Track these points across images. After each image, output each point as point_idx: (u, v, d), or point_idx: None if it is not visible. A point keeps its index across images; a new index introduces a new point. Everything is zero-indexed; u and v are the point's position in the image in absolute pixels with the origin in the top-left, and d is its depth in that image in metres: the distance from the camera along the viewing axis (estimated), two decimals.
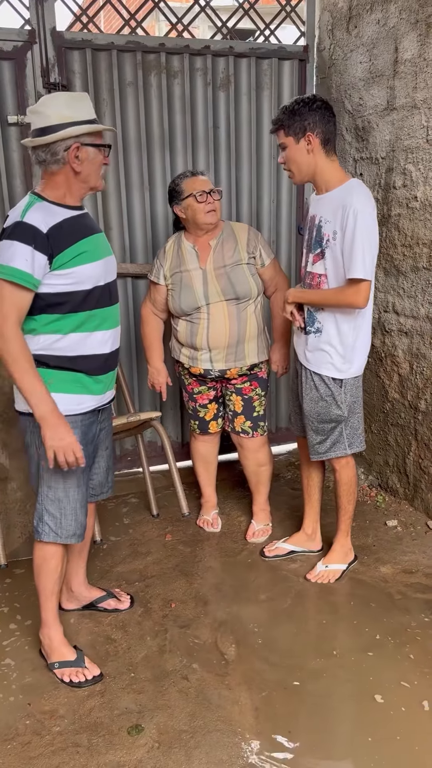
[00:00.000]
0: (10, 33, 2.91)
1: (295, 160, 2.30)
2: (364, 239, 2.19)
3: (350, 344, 2.37)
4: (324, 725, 1.93)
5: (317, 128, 2.25)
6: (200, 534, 3.02)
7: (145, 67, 3.15)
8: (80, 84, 3.07)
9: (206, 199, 2.58)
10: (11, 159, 3.04)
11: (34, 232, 1.84)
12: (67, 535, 2.06)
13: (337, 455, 2.50)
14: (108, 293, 2.05)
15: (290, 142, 2.28)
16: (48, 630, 2.17)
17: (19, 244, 1.83)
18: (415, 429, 3.07)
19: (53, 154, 1.90)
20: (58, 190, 1.95)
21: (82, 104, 1.94)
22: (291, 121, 2.25)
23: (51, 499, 2.04)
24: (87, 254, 1.94)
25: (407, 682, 2.08)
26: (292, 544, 2.83)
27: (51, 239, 1.86)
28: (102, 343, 2.03)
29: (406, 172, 2.90)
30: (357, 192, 2.23)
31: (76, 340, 1.97)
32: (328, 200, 2.30)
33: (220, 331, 2.65)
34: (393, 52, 2.89)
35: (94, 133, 1.94)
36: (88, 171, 1.95)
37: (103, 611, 2.44)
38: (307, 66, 3.45)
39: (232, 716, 1.96)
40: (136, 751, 1.85)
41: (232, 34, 3.32)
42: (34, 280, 1.85)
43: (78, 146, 1.90)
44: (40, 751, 1.85)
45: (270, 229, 3.56)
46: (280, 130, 2.30)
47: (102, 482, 2.28)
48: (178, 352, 2.80)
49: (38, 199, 1.94)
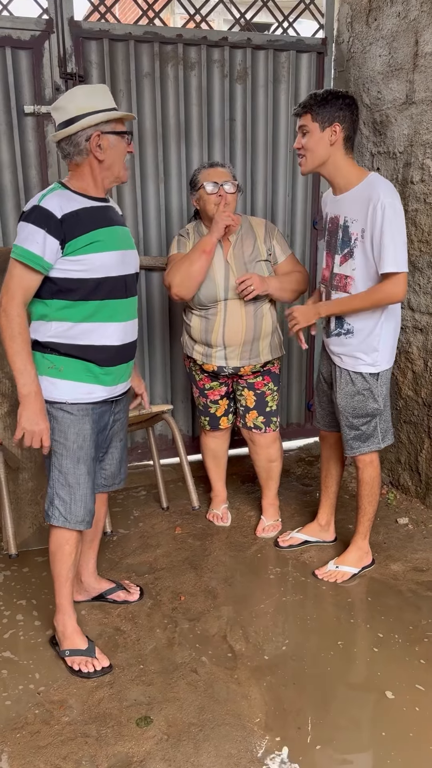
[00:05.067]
0: (27, 22, 2.90)
1: (314, 148, 2.25)
2: (395, 231, 2.17)
3: (382, 339, 2.35)
4: (334, 721, 1.93)
5: (345, 122, 2.22)
6: (210, 528, 3.02)
7: (162, 58, 3.13)
8: (97, 74, 3.05)
9: (218, 191, 2.56)
10: (27, 149, 3.03)
11: (48, 216, 1.88)
12: (76, 521, 2.07)
13: (371, 449, 2.47)
14: (123, 285, 2.05)
15: (315, 128, 2.23)
16: (62, 616, 2.17)
17: (32, 227, 1.88)
18: (428, 426, 3.04)
19: (75, 145, 1.94)
20: (83, 181, 1.99)
21: (100, 94, 1.97)
22: (321, 108, 2.21)
23: (61, 483, 2.06)
24: (101, 243, 1.96)
25: (419, 681, 2.07)
26: (306, 534, 2.83)
27: (65, 225, 1.89)
28: (113, 335, 2.03)
29: (424, 167, 2.87)
30: (380, 185, 2.21)
31: (86, 329, 1.99)
32: (351, 199, 2.27)
33: (237, 328, 2.62)
34: (413, 46, 2.86)
35: (115, 121, 1.96)
36: (112, 159, 1.97)
37: (112, 603, 2.44)
38: (325, 59, 3.42)
39: (241, 710, 1.96)
40: (144, 742, 1.85)
41: (249, 27, 3.30)
42: (44, 262, 1.89)
43: (99, 134, 1.92)
44: (49, 741, 1.86)
45: (285, 223, 3.54)
46: (307, 113, 2.24)
47: (115, 473, 2.29)
48: (190, 348, 2.77)
49: (60, 187, 1.98)
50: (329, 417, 2.62)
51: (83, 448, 2.05)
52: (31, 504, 2.81)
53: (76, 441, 2.03)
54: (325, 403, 2.62)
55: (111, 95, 2.00)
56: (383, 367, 2.39)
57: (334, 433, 2.65)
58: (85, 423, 2.04)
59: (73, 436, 2.03)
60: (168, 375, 3.54)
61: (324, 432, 2.71)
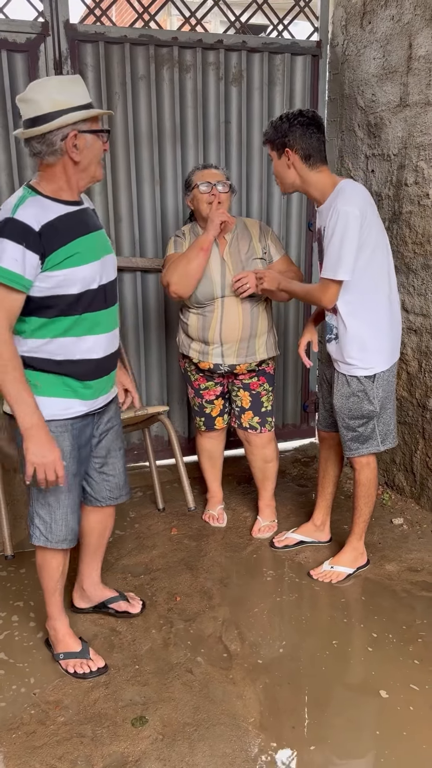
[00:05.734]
0: (23, 25, 2.91)
1: (278, 173, 2.38)
2: (343, 238, 2.19)
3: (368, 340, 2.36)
4: (329, 721, 1.94)
5: (296, 145, 2.27)
6: (206, 528, 3.03)
7: (157, 61, 3.14)
8: (93, 77, 3.06)
9: (210, 191, 2.58)
10: (23, 152, 3.04)
11: (26, 230, 1.73)
12: (57, 540, 2.02)
13: (369, 452, 2.49)
14: (103, 295, 1.93)
15: (274, 156, 2.35)
16: (53, 622, 2.18)
17: (9, 243, 1.71)
18: (423, 427, 3.06)
19: (49, 144, 1.77)
20: (55, 183, 1.84)
21: (75, 88, 1.79)
22: (273, 136, 2.32)
23: (41, 503, 2.00)
24: (80, 256, 1.83)
25: (413, 680, 2.08)
26: (302, 534, 2.85)
27: (43, 238, 1.75)
28: (93, 348, 1.92)
29: (419, 169, 2.89)
30: (343, 192, 2.24)
31: (63, 344, 1.87)
32: (326, 209, 2.31)
33: (234, 325, 2.64)
34: (407, 48, 2.87)
35: (91, 118, 1.80)
36: (88, 160, 1.83)
37: (113, 613, 2.39)
38: (320, 62, 3.43)
39: (236, 710, 1.97)
40: (140, 742, 1.86)
41: (245, 29, 3.31)
42: (24, 281, 1.74)
43: (76, 134, 1.77)
44: (45, 741, 1.87)
45: (280, 224, 3.55)
46: (267, 143, 2.37)
47: (120, 485, 2.21)
48: (187, 347, 2.78)
49: (32, 193, 1.82)
50: (331, 418, 2.64)
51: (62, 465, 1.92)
52: (26, 505, 2.81)
53: None
54: (328, 404, 2.65)
55: (86, 88, 1.83)
56: (378, 369, 2.40)
57: (334, 434, 2.66)
58: (64, 440, 1.93)
59: None
60: (164, 376, 3.55)
61: (324, 433, 2.72)
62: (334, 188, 2.30)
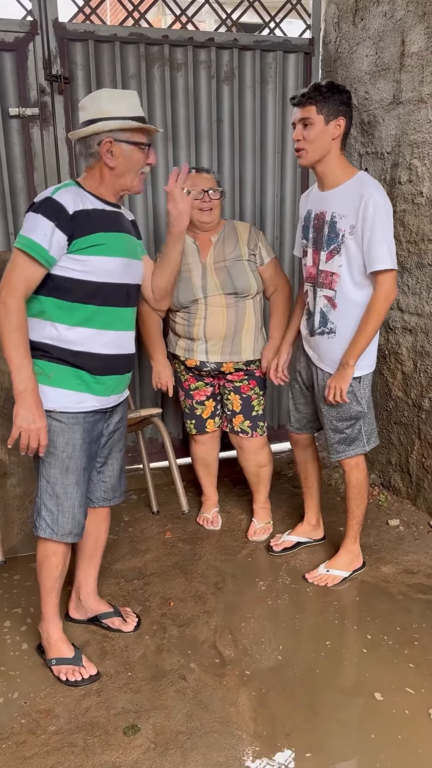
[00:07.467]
0: (11, 24, 2.88)
1: (317, 140, 2.18)
2: (387, 229, 2.16)
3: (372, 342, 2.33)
4: (323, 726, 1.91)
5: (347, 117, 2.20)
6: (200, 532, 3.00)
7: (148, 60, 3.11)
8: (83, 76, 3.03)
9: (202, 197, 2.55)
10: (12, 152, 3.01)
11: (60, 210, 1.84)
12: (63, 533, 2.02)
13: (356, 453, 2.46)
14: (125, 294, 2.01)
15: (319, 120, 2.16)
16: (47, 625, 2.15)
17: (42, 218, 1.83)
18: (419, 428, 3.03)
19: (87, 147, 1.92)
20: (95, 182, 1.97)
21: (125, 100, 1.92)
22: (327, 100, 2.14)
23: (49, 494, 2.01)
24: (104, 247, 1.92)
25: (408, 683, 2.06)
26: (298, 535, 2.82)
27: (75, 221, 1.86)
28: (109, 344, 1.98)
29: (412, 167, 2.86)
30: (371, 183, 2.20)
31: (83, 334, 1.93)
32: (340, 195, 2.25)
33: (218, 321, 2.63)
34: (400, 45, 2.85)
35: (135, 130, 1.90)
36: (123, 168, 1.93)
37: (106, 628, 2.33)
38: (313, 59, 3.41)
39: (230, 717, 1.94)
40: (132, 751, 1.83)
41: (237, 27, 3.28)
42: (48, 256, 1.84)
43: (111, 141, 1.89)
44: (35, 751, 1.83)
45: (274, 224, 3.52)
46: (311, 105, 2.15)
47: (114, 486, 2.23)
48: (174, 344, 2.78)
49: (75, 185, 1.95)
50: (305, 419, 2.61)
51: (72, 457, 1.99)
52: (19, 510, 2.78)
53: (65, 450, 1.98)
54: (302, 405, 2.60)
55: (139, 103, 1.95)
56: (366, 370, 2.37)
57: (306, 435, 2.65)
58: (75, 432, 1.97)
59: (62, 445, 1.97)
60: None
61: (296, 435, 2.69)
62: (347, 177, 2.24)
